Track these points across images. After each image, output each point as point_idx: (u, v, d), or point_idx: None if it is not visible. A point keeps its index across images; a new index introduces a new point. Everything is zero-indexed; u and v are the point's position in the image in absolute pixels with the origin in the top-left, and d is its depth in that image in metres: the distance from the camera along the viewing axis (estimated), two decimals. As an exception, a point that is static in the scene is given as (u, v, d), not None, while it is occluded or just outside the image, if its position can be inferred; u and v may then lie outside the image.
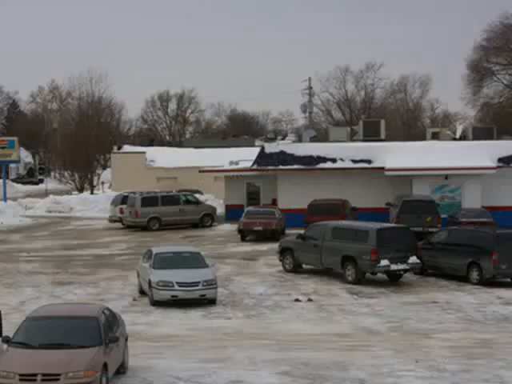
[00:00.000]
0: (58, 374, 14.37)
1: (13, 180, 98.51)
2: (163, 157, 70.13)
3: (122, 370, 16.84)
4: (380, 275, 27.98)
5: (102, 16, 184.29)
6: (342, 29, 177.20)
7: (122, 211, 47.25)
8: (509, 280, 27.63)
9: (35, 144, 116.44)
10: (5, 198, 63.35)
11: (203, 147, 74.23)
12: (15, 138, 70.19)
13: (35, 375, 14.38)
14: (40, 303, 22.19)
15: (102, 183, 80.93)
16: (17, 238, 43.58)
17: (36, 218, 55.77)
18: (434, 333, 20.75)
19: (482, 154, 43.87)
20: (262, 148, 47.65)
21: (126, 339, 17.46)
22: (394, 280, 28.06)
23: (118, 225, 47.49)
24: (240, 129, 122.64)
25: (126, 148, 77.90)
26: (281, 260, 30.66)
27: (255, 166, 46.45)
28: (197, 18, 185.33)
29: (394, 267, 27.26)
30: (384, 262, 26.95)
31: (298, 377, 16.66)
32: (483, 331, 20.95)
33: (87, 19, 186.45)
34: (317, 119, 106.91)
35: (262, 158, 46.25)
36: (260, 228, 39.38)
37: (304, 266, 30.16)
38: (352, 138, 49.84)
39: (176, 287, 23.85)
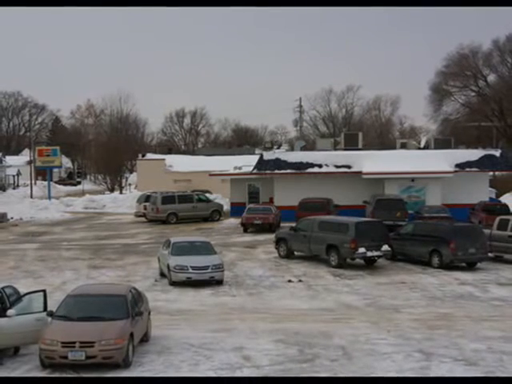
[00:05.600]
0: (93, 342, 14.39)
1: (56, 182, 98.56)
2: (179, 163, 70.09)
3: (145, 338, 16.83)
4: (358, 260, 27.95)
5: (129, 46, 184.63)
6: (326, 57, 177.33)
7: (145, 208, 47.24)
8: (464, 264, 27.62)
9: (74, 152, 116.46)
10: (49, 197, 63.51)
11: (212, 155, 74.14)
12: (58, 148, 70.50)
13: (74, 342, 14.40)
14: (78, 283, 22.18)
15: (129, 184, 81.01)
16: (59, 230, 43.55)
17: (74, 213, 55.78)
18: (402, 308, 20.75)
19: (442, 160, 43.88)
20: (261, 155, 47.65)
21: (149, 313, 17.45)
22: (369, 264, 28.04)
23: (142, 219, 47.45)
24: (243, 140, 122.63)
25: (149, 156, 77.86)
26: (276, 248, 30.62)
27: (255, 171, 46.43)
28: (207, 49, 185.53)
29: (369, 254, 27.26)
30: (361, 250, 26.93)
31: (291, 344, 16.65)
32: (443, 307, 20.94)
33: (116, 49, 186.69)
34: (306, 132, 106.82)
35: (261, 164, 46.23)
36: (259, 222, 39.33)
37: (295, 253, 30.11)
38: (335, 147, 49.91)
39: (190, 270, 23.85)
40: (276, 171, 45.53)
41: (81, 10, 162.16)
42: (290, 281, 24.88)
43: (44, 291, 16.40)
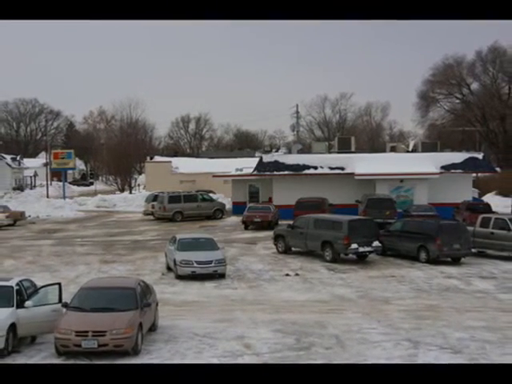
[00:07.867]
0: (105, 331, 14.39)
1: (70, 183, 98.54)
2: (185, 165, 70.12)
3: (153, 328, 16.83)
4: (351, 255, 27.93)
5: (138, 56, 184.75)
6: (322, 66, 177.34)
7: (153, 207, 47.29)
8: (449, 259, 27.62)
9: (87, 155, 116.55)
10: (64, 197, 63.48)
11: (215, 158, 74.16)
12: (72, 151, 70.52)
13: (87, 332, 14.40)
14: (90, 277, 22.21)
15: (138, 185, 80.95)
16: (73, 227, 43.57)
17: (87, 212, 55.77)
18: (392, 299, 20.74)
19: (429, 162, 43.92)
20: (261, 158, 47.68)
21: (157, 304, 17.46)
22: (361, 259, 28.03)
23: (150, 217, 47.47)
24: (244, 143, 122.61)
25: (157, 158, 77.90)
26: (275, 244, 30.61)
27: (255, 172, 46.46)
28: (211, 59, 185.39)
29: (361, 249, 27.26)
30: (354, 246, 26.94)
31: (288, 333, 16.65)
32: (430, 298, 20.93)
33: (126, 59, 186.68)
34: (302, 136, 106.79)
35: (261, 166, 46.26)
36: (259, 220, 39.34)
37: (293, 248, 30.10)
38: (329, 150, 49.86)
39: (195, 265, 23.85)
40: (275, 173, 45.56)
41: (94, 22, 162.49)
42: (287, 274, 24.86)
43: (59, 284, 16.42)
